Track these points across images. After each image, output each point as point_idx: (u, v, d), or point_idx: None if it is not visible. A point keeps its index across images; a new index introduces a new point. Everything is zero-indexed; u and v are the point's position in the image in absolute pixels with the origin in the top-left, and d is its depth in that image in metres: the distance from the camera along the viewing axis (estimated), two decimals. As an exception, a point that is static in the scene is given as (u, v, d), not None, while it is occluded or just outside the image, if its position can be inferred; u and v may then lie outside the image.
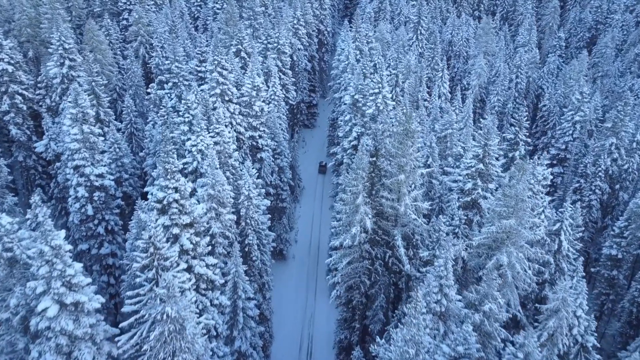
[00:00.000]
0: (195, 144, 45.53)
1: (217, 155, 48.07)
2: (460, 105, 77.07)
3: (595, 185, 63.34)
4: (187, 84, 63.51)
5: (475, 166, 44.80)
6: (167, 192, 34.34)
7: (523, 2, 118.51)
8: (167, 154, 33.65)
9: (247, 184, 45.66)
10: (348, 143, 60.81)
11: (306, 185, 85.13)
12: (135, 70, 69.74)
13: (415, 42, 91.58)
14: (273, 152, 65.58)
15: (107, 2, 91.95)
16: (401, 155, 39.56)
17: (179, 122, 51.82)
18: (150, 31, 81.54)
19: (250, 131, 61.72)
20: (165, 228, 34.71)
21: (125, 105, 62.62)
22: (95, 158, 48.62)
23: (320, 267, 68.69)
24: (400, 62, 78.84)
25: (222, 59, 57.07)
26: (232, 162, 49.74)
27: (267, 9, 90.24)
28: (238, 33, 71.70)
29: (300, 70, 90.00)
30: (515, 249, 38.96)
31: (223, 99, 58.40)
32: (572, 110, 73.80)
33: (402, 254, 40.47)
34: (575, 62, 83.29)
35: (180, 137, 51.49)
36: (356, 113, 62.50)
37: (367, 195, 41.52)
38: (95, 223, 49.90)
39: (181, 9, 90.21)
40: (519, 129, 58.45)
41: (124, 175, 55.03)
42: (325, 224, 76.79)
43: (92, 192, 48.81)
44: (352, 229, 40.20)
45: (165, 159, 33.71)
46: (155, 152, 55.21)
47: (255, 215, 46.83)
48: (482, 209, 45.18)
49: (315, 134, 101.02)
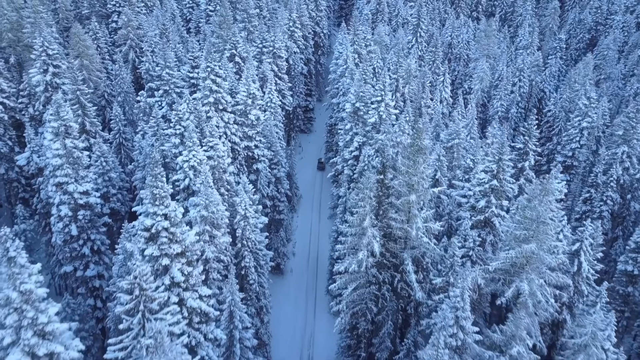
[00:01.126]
0: (187, 160, 41.76)
1: (211, 170, 44.34)
2: (463, 111, 73.69)
3: (606, 195, 60.07)
4: (178, 91, 59.69)
5: (488, 183, 41.29)
6: (155, 219, 30.61)
7: (522, 3, 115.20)
8: (155, 178, 29.89)
9: (243, 203, 41.95)
10: (349, 153, 57.19)
11: (303, 193, 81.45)
12: (124, 76, 65.79)
13: (415, 44, 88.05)
14: (270, 162, 61.90)
15: (96, 4, 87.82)
16: (412, 173, 35.99)
17: (170, 134, 48.09)
18: (140, 35, 77.54)
19: (246, 141, 57.99)
20: (153, 259, 30.99)
21: (113, 114, 58.72)
22: (79, 174, 44.76)
23: (320, 281, 65.12)
24: (401, 67, 75.27)
25: (215, 66, 53.29)
26: (227, 178, 46.01)
27: (262, 11, 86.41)
28: (232, 37, 67.92)
29: (297, 74, 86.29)
30: (536, 275, 35.53)
31: (217, 107, 54.64)
32: (579, 116, 70.49)
33: (413, 281, 36.93)
34: (580, 66, 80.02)
35: (172, 149, 47.80)
36: (357, 122, 58.88)
37: (375, 216, 37.92)
38: (80, 243, 46.10)
39: (172, 10, 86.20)
40: (528, 138, 55.08)
41: (111, 191, 51.17)
42: (323, 235, 73.22)
43: (76, 210, 44.96)
44: (358, 254, 36.61)
45: (154, 183, 29.97)
46: (144, 166, 51.40)
47: (252, 236, 43.16)
48: (496, 228, 41.70)
49: (311, 139, 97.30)
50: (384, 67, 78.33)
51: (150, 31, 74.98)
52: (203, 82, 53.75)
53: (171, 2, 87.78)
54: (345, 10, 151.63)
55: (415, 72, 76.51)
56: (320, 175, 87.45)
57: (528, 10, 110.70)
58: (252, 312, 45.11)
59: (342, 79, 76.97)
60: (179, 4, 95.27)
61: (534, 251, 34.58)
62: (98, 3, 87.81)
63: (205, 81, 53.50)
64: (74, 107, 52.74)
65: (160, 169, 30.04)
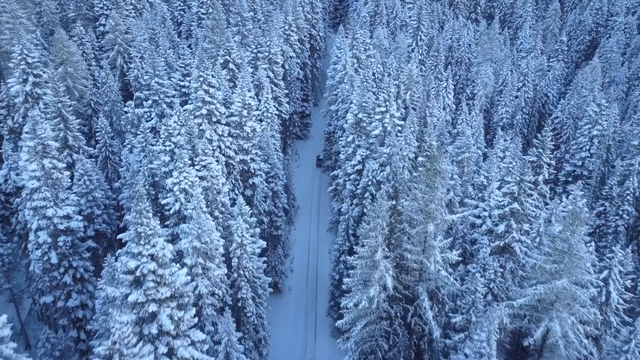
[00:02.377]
0: (177, 182, 37.36)
1: (204, 192, 40.00)
2: (467, 118, 69.68)
3: (622, 209, 56.32)
4: (169, 101, 55.24)
5: (508, 206, 37.26)
6: (140, 260, 26.26)
7: (522, 4, 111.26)
8: (139, 214, 25.54)
9: (239, 229, 37.69)
10: (352, 167, 53.00)
11: (301, 202, 77.09)
12: (111, 84, 61.13)
13: (415, 48, 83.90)
14: (266, 176, 57.60)
15: (82, 7, 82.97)
16: (428, 199, 31.84)
17: (159, 151, 43.68)
18: (128, 39, 72.86)
19: (241, 154, 53.67)
20: (138, 305, 26.66)
21: (99, 126, 54.15)
22: (59, 197, 40.30)
23: (320, 299, 60.92)
24: (402, 72, 71.09)
25: (208, 75, 48.88)
26: (222, 199, 41.68)
27: (256, 14, 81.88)
28: (225, 42, 63.43)
29: (293, 79, 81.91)
30: (567, 313, 31.56)
31: (210, 120, 50.27)
32: (589, 123, 66.66)
33: (430, 319, 32.84)
34: (587, 70, 76.21)
35: (161, 167, 43.37)
36: (359, 133, 54.69)
37: (386, 245, 33.76)
38: (60, 272, 41.64)
39: (163, 14, 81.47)
40: (542, 151, 51.18)
41: (96, 211, 46.64)
42: (322, 249, 69.16)
43: (57, 236, 40.51)
44: (369, 289, 32.43)
45: (138, 220, 25.61)
46: (132, 184, 46.92)
47: (249, 264, 38.91)
48: (516, 254, 37.72)
49: (308, 146, 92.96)
50: (384, 73, 74.22)
51: (139, 36, 70.42)
52: (195, 93, 49.35)
53: (161, 5, 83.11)
54: (340, 12, 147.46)
55: (417, 78, 72.42)
56: (318, 177, 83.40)
57: (528, 12, 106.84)
58: (249, 345, 40.91)
59: (340, 85, 72.74)
60: (170, 6, 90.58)
61: (565, 287, 30.62)
62: (85, 5, 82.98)
63: (197, 92, 49.10)
64: (55, 121, 48.23)
65: (146, 204, 25.70)
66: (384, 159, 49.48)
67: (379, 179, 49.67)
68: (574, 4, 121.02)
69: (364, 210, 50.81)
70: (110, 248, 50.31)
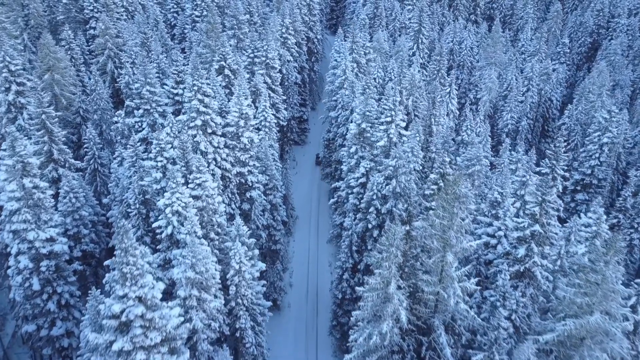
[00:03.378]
0: (169, 204, 33.93)
1: (199, 213, 36.61)
2: (472, 125, 66.48)
3: (638, 222, 53.33)
4: (161, 110, 51.74)
5: (529, 228, 34.05)
6: (126, 303, 22.89)
7: (523, 6, 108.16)
8: (125, 252, 22.14)
9: (237, 255, 34.33)
10: (355, 180, 49.65)
11: (300, 210, 73.72)
12: (101, 91, 57.51)
13: (416, 51, 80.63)
14: (264, 188, 54.26)
15: (72, 9, 79.12)
16: (447, 226, 28.57)
17: (150, 167, 40.26)
18: (119, 43, 69.16)
19: (238, 167, 50.27)
20: (124, 354, 23.28)
21: (87, 137, 50.63)
22: (41, 218, 36.81)
23: (321, 316, 57.72)
24: (404, 77, 67.89)
25: (202, 84, 45.41)
26: (218, 220, 38.27)
27: (253, 17, 78.35)
28: (221, 47, 59.95)
29: (290, 84, 78.49)
30: (599, 350, 28.38)
31: (205, 131, 46.83)
32: (599, 130, 63.58)
33: (449, 356, 29.54)
34: (594, 74, 73.18)
35: (152, 185, 39.96)
36: (363, 144, 51.39)
37: (400, 275, 30.49)
38: (44, 298, 38.22)
39: (155, 16, 77.86)
40: (555, 162, 48.11)
41: (82, 231, 43.11)
42: (322, 261, 65.97)
43: (39, 261, 37.08)
44: (382, 324, 29.14)
45: (124, 259, 22.22)
46: (121, 200, 43.47)
47: (247, 292, 35.55)
48: (537, 279, 34.54)
49: (306, 151, 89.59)
50: (385, 78, 70.97)
51: (130, 40, 66.83)
52: (189, 103, 45.86)
53: (154, 8, 79.43)
54: (337, 13, 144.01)
55: (419, 83, 69.17)
56: (317, 184, 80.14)
57: (529, 13, 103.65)
58: (249, 377, 37.62)
59: (340, 90, 69.39)
60: (163, 8, 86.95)
61: (599, 322, 27.46)
62: (74, 8, 79.15)
63: (191, 101, 45.62)
64: (39, 133, 44.71)
65: (132, 240, 22.32)
66: (390, 172, 46.14)
67: (385, 192, 46.39)
68: (574, 5, 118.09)
69: (368, 225, 47.65)
70: (100, 267, 46.86)
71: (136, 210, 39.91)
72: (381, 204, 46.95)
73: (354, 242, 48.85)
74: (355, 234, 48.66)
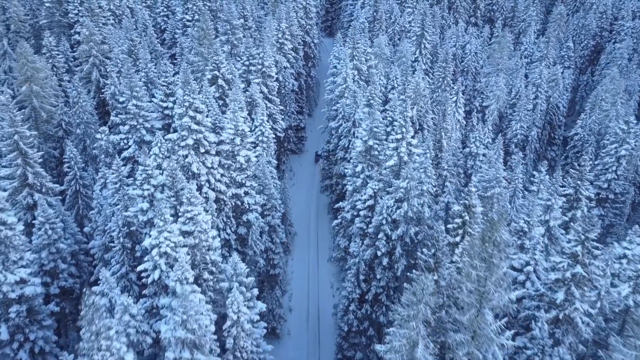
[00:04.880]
0: (157, 244, 28.98)
1: (191, 251, 31.69)
2: (481, 136, 61.93)
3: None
4: (149, 126, 46.69)
5: (569, 269, 29.39)
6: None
7: (525, 8, 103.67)
8: (96, 336, 17.19)
9: (235, 304, 29.43)
10: (362, 203, 44.84)
11: (298, 226, 68.78)
12: (83, 104, 52.38)
13: (419, 57, 75.88)
14: (262, 209, 49.40)
15: (55, 13, 73.62)
16: (483, 277, 23.84)
17: (135, 196, 35.25)
18: (105, 50, 63.94)
19: (234, 188, 45.34)
20: None
21: (67, 156, 45.57)
22: (10, 258, 31.73)
23: (323, 345, 52.95)
24: (409, 85, 63.17)
25: (194, 99, 40.38)
26: (212, 257, 33.33)
27: (247, 21, 73.18)
28: (214, 55, 54.92)
29: (287, 92, 73.51)
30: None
31: (197, 150, 41.85)
32: (616, 142, 59.23)
33: None
34: (607, 81, 68.74)
35: (138, 216, 34.97)
36: (370, 162, 46.59)
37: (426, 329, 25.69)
38: (14, 347, 33.09)
39: (144, 20, 72.54)
40: (580, 182, 43.60)
41: (60, 266, 38.00)
42: (323, 281, 61.12)
43: (8, 306, 32.00)
44: (406, 395, 24.36)
45: (95, 344, 17.30)
46: (104, 230, 38.46)
47: (247, 343, 30.68)
48: (579, 327, 29.92)
49: (303, 161, 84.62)
50: (388, 86, 66.23)
51: (116, 46, 61.59)
52: (180, 120, 40.80)
53: (143, 12, 74.10)
54: (332, 15, 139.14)
55: (424, 91, 64.47)
56: (316, 188, 75.40)
57: (532, 16, 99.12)
58: None
59: (341, 99, 64.46)
60: (152, 12, 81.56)
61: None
62: (58, 12, 73.64)
63: (182, 118, 40.57)
64: (11, 155, 39.54)
65: (105, 321, 17.41)
66: (401, 194, 41.46)
67: (395, 217, 41.72)
68: (576, 7, 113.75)
69: (376, 252, 42.97)
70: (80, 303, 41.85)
71: (120, 244, 34.96)
72: (391, 229, 42.29)
73: (361, 270, 44.10)
74: (363, 261, 43.91)
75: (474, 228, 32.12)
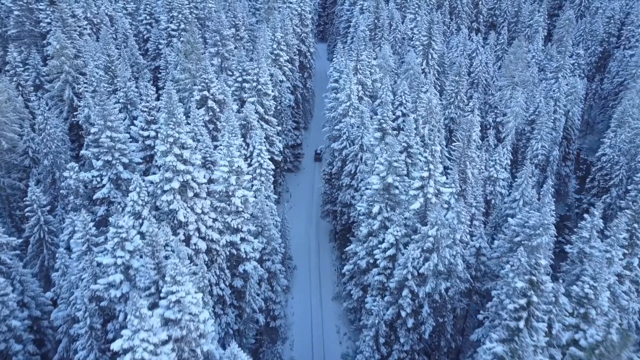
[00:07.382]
0: (130, 348, 21.13)
1: (176, 345, 23.87)
2: (501, 159, 54.79)
3: None
4: (126, 161, 38.62)
5: None
6: None
7: (530, 13, 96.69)
8: None
9: None
10: (382, 252, 37.24)
11: (297, 259, 61.04)
12: (51, 130, 44.26)
13: (426, 68, 68.46)
14: (261, 254, 41.66)
15: (25, 22, 65.08)
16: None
17: (107, 265, 27.32)
18: (79, 65, 55.67)
19: (228, 234, 37.46)
20: None
21: (29, 199, 37.47)
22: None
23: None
24: (421, 103, 55.79)
25: (180, 134, 32.51)
26: (205, 349, 25.50)
27: (239, 31, 65.15)
28: (203, 73, 47.02)
29: (284, 107, 65.66)
30: None
31: (184, 194, 34.00)
32: (652, 165, 52.37)
33: None
34: (633, 94, 61.79)
35: (110, 291, 27.05)
36: (389, 202, 38.97)
37: None
38: None
39: (125, 30, 64.31)
40: (637, 225, 36.47)
41: (14, 347, 29.95)
42: (328, 323, 53.48)
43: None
44: None
45: None
46: (70, 301, 30.47)
47: None
48: None
49: (300, 180, 76.90)
50: (395, 102, 58.67)
51: (91, 61, 53.34)
52: (163, 158, 32.89)
53: (123, 20, 65.74)
54: (324, 19, 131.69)
55: (436, 108, 57.08)
56: (315, 220, 67.91)
57: (539, 22, 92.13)
58: None
59: (345, 119, 56.84)
60: (134, 20, 73.20)
61: None
62: (28, 21, 65.09)
63: (166, 157, 32.68)
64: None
65: None
66: (430, 244, 34.01)
67: (422, 270, 34.30)
68: (581, 12, 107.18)
69: (400, 312, 35.57)
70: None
71: (86, 326, 27.03)
72: (418, 285, 34.88)
73: (380, 333, 36.57)
74: (384, 322, 36.39)
75: (540, 310, 24.69)
